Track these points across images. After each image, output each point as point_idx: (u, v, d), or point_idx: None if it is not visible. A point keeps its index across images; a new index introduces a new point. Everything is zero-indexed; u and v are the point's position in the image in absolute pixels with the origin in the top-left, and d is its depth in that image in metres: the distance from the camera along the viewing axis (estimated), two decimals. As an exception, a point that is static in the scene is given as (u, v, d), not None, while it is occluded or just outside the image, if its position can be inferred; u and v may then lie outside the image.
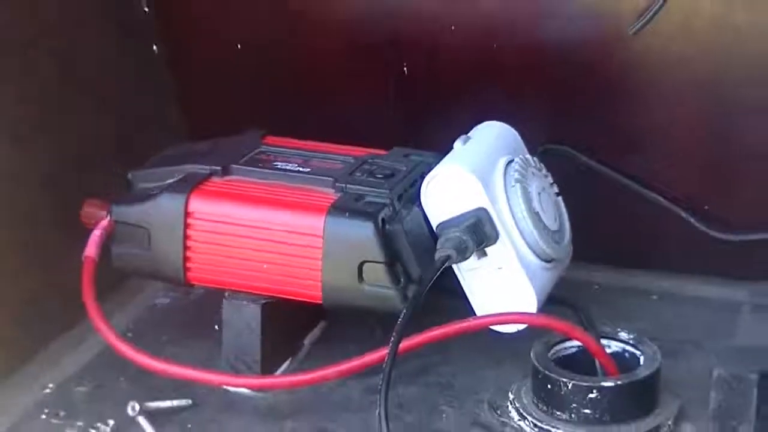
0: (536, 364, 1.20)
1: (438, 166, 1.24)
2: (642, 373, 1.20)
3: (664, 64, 1.36)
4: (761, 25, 1.31)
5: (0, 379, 1.27)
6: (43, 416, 1.24)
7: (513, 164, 1.26)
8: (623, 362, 1.22)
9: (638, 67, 1.37)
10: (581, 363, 1.21)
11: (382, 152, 1.31)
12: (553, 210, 1.29)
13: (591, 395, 1.17)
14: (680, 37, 1.33)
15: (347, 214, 1.23)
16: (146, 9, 1.45)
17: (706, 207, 1.40)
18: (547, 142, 1.37)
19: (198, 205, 1.26)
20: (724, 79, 1.35)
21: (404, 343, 1.17)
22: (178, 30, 1.48)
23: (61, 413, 1.24)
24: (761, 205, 1.37)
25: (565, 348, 1.23)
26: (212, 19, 1.47)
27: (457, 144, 1.27)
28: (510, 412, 1.22)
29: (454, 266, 1.24)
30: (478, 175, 1.22)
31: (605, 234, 1.37)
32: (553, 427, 1.19)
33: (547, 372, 1.19)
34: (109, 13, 1.43)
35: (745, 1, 1.25)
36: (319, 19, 1.44)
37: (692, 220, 1.39)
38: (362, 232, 1.22)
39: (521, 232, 1.24)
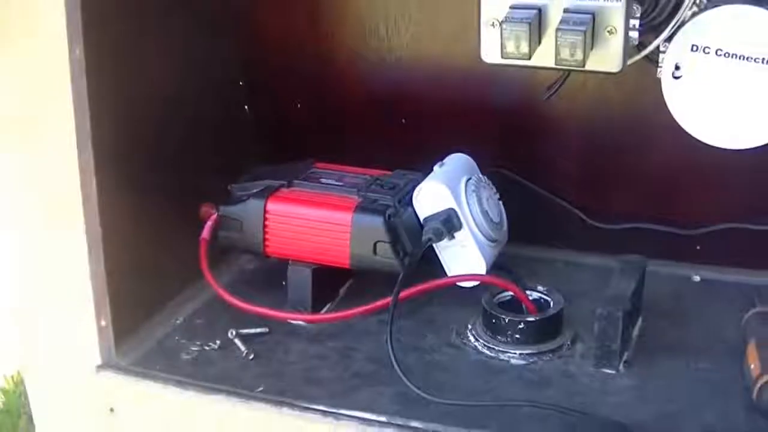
0: (486, 306, 1.23)
1: (423, 181, 1.28)
2: (551, 312, 1.23)
3: (564, 116, 1.37)
4: (624, 95, 1.33)
5: (148, 314, 1.28)
6: (176, 338, 1.27)
7: (471, 181, 1.30)
8: (540, 305, 1.24)
9: (548, 119, 1.38)
10: (513, 306, 1.24)
11: (389, 173, 1.34)
12: (496, 209, 1.32)
13: (520, 326, 1.21)
14: (574, 101, 1.35)
15: (366, 211, 1.26)
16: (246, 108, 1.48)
17: (592, 206, 1.41)
18: (491, 166, 1.37)
19: (272, 206, 1.29)
20: (599, 126, 1.37)
21: (402, 293, 1.21)
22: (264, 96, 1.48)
23: (187, 336, 1.27)
24: (626, 207, 1.38)
25: (503, 296, 1.25)
26: (280, 88, 1.48)
27: (436, 167, 1.30)
28: (469, 336, 1.24)
29: (434, 245, 1.27)
30: (449, 187, 1.26)
31: (528, 223, 1.36)
32: (495, 346, 1.21)
33: (492, 312, 1.22)
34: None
35: (614, 81, 1.26)
36: (350, 85, 1.46)
37: (582, 214, 1.41)
38: (375, 223, 1.25)
39: (476, 223, 1.28)
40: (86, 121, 1.14)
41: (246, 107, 1.46)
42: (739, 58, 1.12)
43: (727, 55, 1.12)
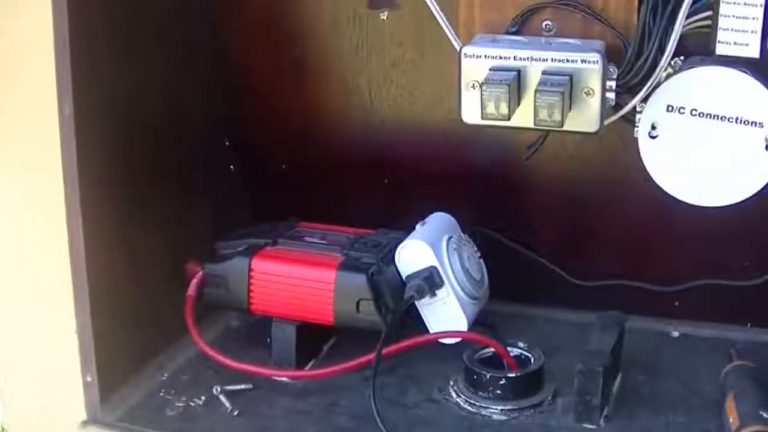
0: (467, 363, 1.23)
1: (406, 239, 1.28)
2: (532, 367, 1.22)
3: (543, 176, 1.38)
4: (601, 155, 1.34)
5: (134, 370, 1.26)
6: (162, 393, 1.25)
7: (452, 239, 1.30)
8: (520, 361, 1.23)
9: (527, 178, 1.39)
10: (495, 362, 1.23)
11: (372, 231, 1.34)
12: (477, 267, 1.32)
13: (501, 382, 1.20)
14: (553, 161, 1.36)
15: (349, 269, 1.26)
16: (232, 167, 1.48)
17: (571, 263, 1.41)
18: (472, 225, 1.37)
19: (257, 264, 1.29)
20: (578, 185, 1.37)
21: (385, 350, 1.21)
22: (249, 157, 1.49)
23: (172, 392, 1.25)
24: (605, 264, 1.39)
25: (485, 353, 1.25)
26: (266, 148, 1.48)
27: (418, 226, 1.30)
28: (451, 392, 1.24)
29: (417, 302, 1.27)
30: (430, 246, 1.26)
31: (508, 281, 1.36)
32: (477, 402, 1.21)
33: (473, 368, 1.22)
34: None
35: (592, 140, 1.26)
36: (334, 147, 1.46)
37: (561, 272, 1.41)
38: (358, 281, 1.25)
39: (457, 281, 1.28)
40: (75, 180, 1.15)
41: (231, 167, 1.47)
42: (713, 117, 1.13)
43: (701, 114, 1.14)
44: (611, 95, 1.14)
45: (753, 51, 1.12)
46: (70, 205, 1.15)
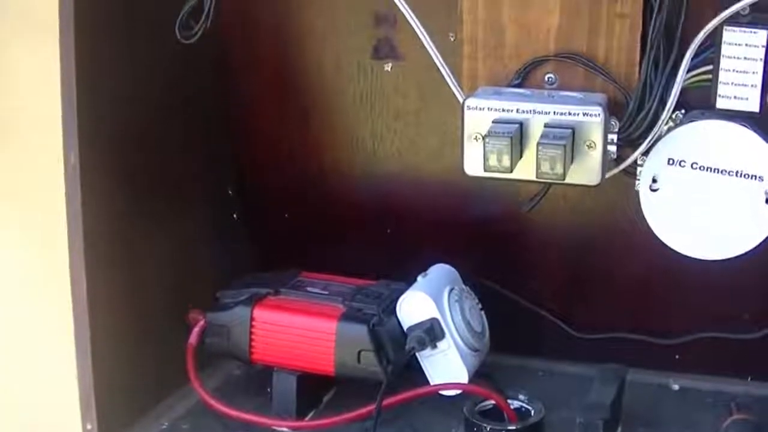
0: (467, 415, 1.21)
1: (407, 291, 1.28)
2: (533, 420, 1.21)
3: (545, 228, 1.38)
4: (603, 207, 1.34)
5: (134, 418, 1.26)
6: None
7: (454, 291, 1.30)
8: (521, 414, 1.22)
9: (529, 230, 1.39)
10: (495, 414, 1.22)
11: (374, 282, 1.34)
12: (478, 319, 1.32)
13: None
14: (554, 213, 1.36)
15: (351, 320, 1.26)
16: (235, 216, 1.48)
17: (572, 316, 1.40)
18: (474, 276, 1.37)
19: (259, 313, 1.29)
20: (579, 238, 1.38)
21: (386, 401, 1.20)
22: (253, 206, 1.49)
23: None
24: (606, 317, 1.38)
25: (485, 405, 1.23)
26: (269, 197, 1.49)
27: (420, 278, 1.30)
28: None
29: (417, 354, 1.26)
30: (432, 298, 1.26)
31: (509, 333, 1.35)
32: None
33: (474, 420, 1.21)
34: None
35: (594, 193, 1.26)
36: (337, 196, 1.46)
37: (562, 324, 1.41)
38: (360, 332, 1.25)
39: (458, 333, 1.27)
40: (79, 225, 1.15)
41: (235, 215, 1.47)
42: (714, 171, 1.14)
43: (702, 168, 1.14)
44: (613, 148, 1.14)
45: (753, 105, 1.12)
46: (73, 251, 1.15)
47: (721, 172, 1.14)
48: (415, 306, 1.27)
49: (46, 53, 1.11)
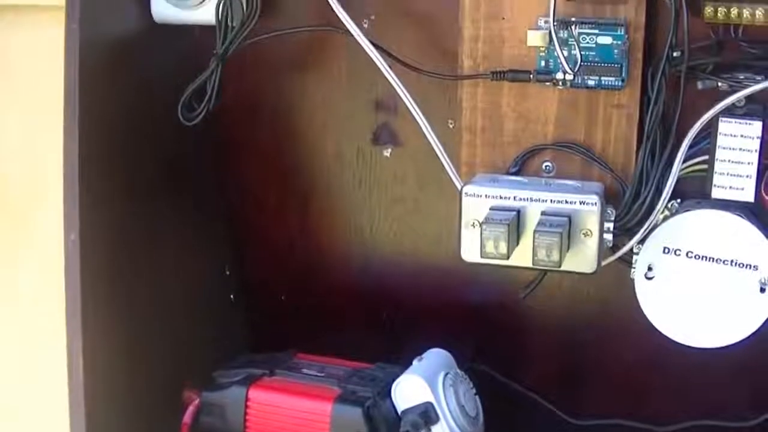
0: None
1: (403, 375, 1.27)
2: None
3: (540, 314, 1.37)
4: (598, 295, 1.34)
5: None
6: None
7: (449, 375, 1.28)
8: None
9: (524, 317, 1.38)
10: None
11: (370, 365, 1.33)
12: (473, 404, 1.31)
13: None
14: (550, 300, 1.35)
15: (346, 402, 1.25)
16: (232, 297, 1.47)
17: (567, 402, 1.39)
18: (469, 362, 1.36)
19: (254, 394, 1.28)
20: (575, 324, 1.37)
21: None
22: (250, 287, 1.49)
23: None
24: (601, 404, 1.37)
25: None
26: (266, 280, 1.48)
27: (415, 362, 1.29)
28: None
29: None
30: (427, 381, 1.25)
31: (504, 418, 1.34)
32: None
33: None
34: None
35: (589, 280, 1.26)
36: (334, 280, 1.45)
37: (556, 410, 1.39)
38: (354, 414, 1.24)
39: (453, 417, 1.26)
40: (77, 303, 1.15)
41: (232, 296, 1.47)
42: (709, 260, 1.14)
43: (697, 257, 1.14)
44: (609, 236, 1.15)
45: (748, 195, 1.13)
46: (70, 327, 1.15)
47: (717, 261, 1.14)
48: (410, 389, 1.26)
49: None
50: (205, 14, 1.25)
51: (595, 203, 1.11)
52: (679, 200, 1.17)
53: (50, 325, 1.16)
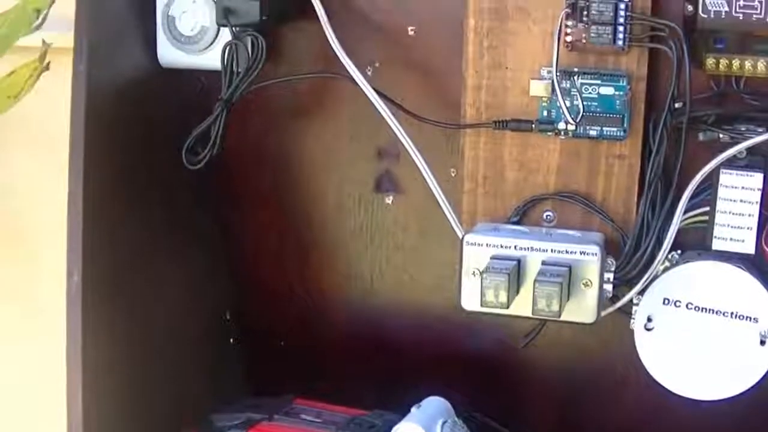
0: None
1: (401, 422, 1.25)
2: None
3: (539, 364, 1.37)
4: (598, 345, 1.33)
5: None
6: None
7: (447, 424, 1.27)
8: None
9: (523, 366, 1.38)
10: None
11: (367, 412, 1.32)
12: (470, 450, 1.31)
13: None
14: (549, 349, 1.35)
15: (343, 449, 1.25)
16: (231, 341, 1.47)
17: None
18: (467, 410, 1.34)
19: (252, 439, 1.28)
20: (573, 374, 1.36)
21: None
22: (249, 332, 1.48)
23: None
24: None
25: None
26: (266, 325, 1.47)
27: (413, 409, 1.28)
28: None
29: None
30: (425, 429, 1.23)
31: None
32: None
33: None
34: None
35: (589, 330, 1.23)
36: (333, 326, 1.45)
37: None
38: (352, 461, 1.24)
39: (450, 463, 1.26)
40: (78, 343, 1.14)
41: (231, 341, 1.46)
42: (709, 311, 1.14)
43: (697, 308, 1.14)
44: (609, 287, 1.15)
45: (748, 247, 1.13)
46: (70, 365, 1.14)
47: (717, 312, 1.14)
48: (408, 437, 1.26)
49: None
50: (211, 59, 1.26)
51: (596, 253, 1.11)
52: (679, 251, 1.16)
53: (53, 362, 1.15)
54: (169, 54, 1.28)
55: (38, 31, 1.31)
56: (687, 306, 1.14)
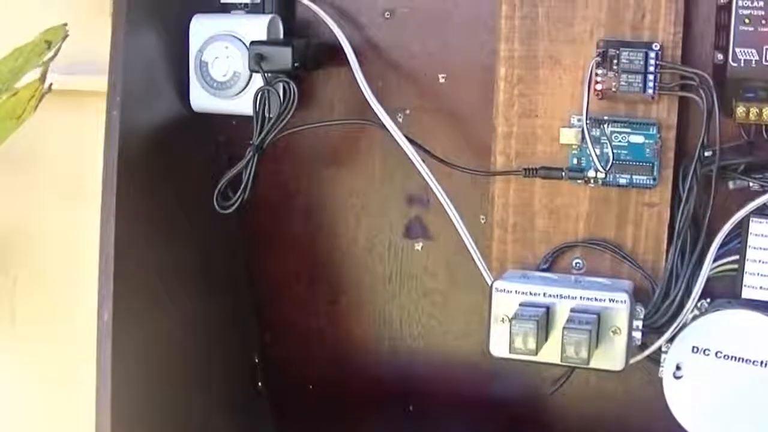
0: None
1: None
2: None
3: (567, 411, 1.35)
4: (626, 393, 1.31)
5: None
6: None
7: (474, 470, 1.29)
8: None
9: (552, 413, 1.36)
10: None
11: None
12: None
13: None
14: (578, 396, 1.33)
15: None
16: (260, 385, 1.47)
17: None
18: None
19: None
20: (602, 422, 1.34)
21: None
22: (277, 377, 1.48)
23: None
24: None
25: None
26: (294, 370, 1.47)
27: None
28: None
29: None
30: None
31: None
32: None
33: None
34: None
35: (617, 378, 1.24)
36: (361, 371, 1.44)
37: None
38: None
39: None
40: (108, 384, 1.14)
41: (260, 384, 1.46)
42: (739, 360, 1.12)
43: (727, 357, 1.13)
44: (637, 335, 1.14)
45: (779, 296, 1.12)
46: (99, 407, 1.14)
47: (746, 361, 1.12)
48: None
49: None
50: (243, 105, 1.26)
51: (625, 301, 1.10)
52: (708, 299, 1.16)
53: (81, 402, 1.15)
54: (201, 99, 1.29)
55: (71, 75, 1.32)
56: (716, 354, 1.13)
